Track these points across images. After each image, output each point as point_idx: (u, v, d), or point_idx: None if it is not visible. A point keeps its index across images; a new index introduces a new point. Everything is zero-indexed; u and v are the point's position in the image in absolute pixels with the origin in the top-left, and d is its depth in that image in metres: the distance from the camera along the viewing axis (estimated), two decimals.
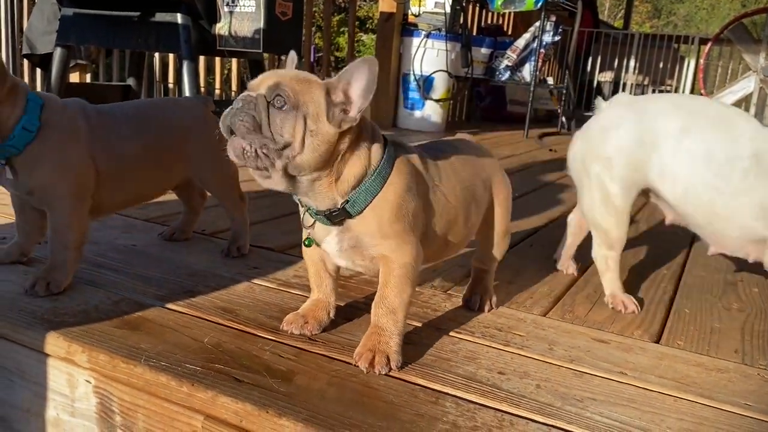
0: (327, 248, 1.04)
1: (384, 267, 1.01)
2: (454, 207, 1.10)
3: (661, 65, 7.91)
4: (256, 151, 0.91)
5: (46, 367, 1.03)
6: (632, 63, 7.91)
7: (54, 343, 1.01)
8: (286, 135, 0.91)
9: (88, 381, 1.00)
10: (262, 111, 0.91)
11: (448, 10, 4.44)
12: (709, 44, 7.53)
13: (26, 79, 5.60)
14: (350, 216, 0.98)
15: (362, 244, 1.00)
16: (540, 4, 4.37)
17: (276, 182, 0.95)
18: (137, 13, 3.22)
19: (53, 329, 1.03)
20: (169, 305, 1.17)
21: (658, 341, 1.22)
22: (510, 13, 6.06)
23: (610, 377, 1.04)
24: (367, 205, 0.97)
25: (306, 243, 1.07)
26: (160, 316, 1.12)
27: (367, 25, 12.02)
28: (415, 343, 1.10)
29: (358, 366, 0.98)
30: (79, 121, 1.21)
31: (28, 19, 5.03)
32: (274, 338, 1.07)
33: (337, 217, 0.98)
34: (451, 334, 1.16)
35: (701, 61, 7.57)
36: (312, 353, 1.03)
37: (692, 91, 7.92)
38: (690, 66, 7.79)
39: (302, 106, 0.92)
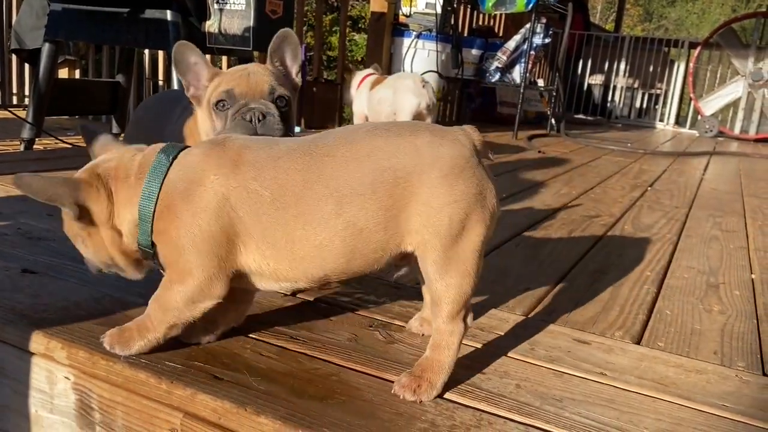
0: None
1: None
2: None
3: (651, 69, 7.96)
4: None
5: (25, 363, 1.03)
6: (623, 66, 7.96)
7: (33, 339, 1.01)
8: None
9: (67, 378, 0.99)
10: None
11: (439, 10, 4.45)
12: (699, 48, 7.59)
13: (14, 75, 5.55)
14: None
15: None
16: (531, 5, 4.38)
17: None
18: (127, 10, 3.21)
19: (33, 325, 1.03)
20: None
21: (639, 342, 1.22)
22: (501, 14, 6.07)
23: (590, 378, 1.05)
24: None
25: None
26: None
27: (360, 25, 12.00)
28: (396, 342, 1.10)
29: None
30: None
31: (16, 13, 5.00)
32: (255, 336, 1.07)
33: None
34: None
35: (691, 65, 7.63)
36: (293, 351, 1.03)
37: (682, 95, 7.99)
38: (680, 70, 7.86)
39: None
